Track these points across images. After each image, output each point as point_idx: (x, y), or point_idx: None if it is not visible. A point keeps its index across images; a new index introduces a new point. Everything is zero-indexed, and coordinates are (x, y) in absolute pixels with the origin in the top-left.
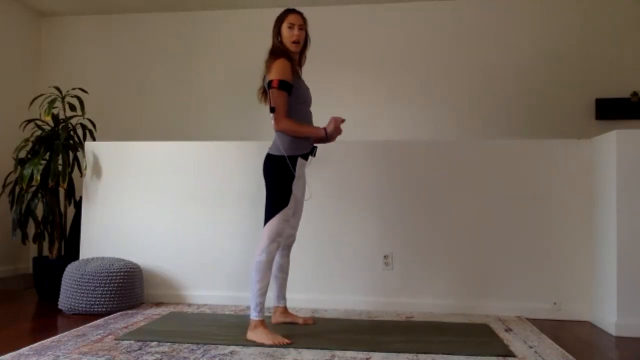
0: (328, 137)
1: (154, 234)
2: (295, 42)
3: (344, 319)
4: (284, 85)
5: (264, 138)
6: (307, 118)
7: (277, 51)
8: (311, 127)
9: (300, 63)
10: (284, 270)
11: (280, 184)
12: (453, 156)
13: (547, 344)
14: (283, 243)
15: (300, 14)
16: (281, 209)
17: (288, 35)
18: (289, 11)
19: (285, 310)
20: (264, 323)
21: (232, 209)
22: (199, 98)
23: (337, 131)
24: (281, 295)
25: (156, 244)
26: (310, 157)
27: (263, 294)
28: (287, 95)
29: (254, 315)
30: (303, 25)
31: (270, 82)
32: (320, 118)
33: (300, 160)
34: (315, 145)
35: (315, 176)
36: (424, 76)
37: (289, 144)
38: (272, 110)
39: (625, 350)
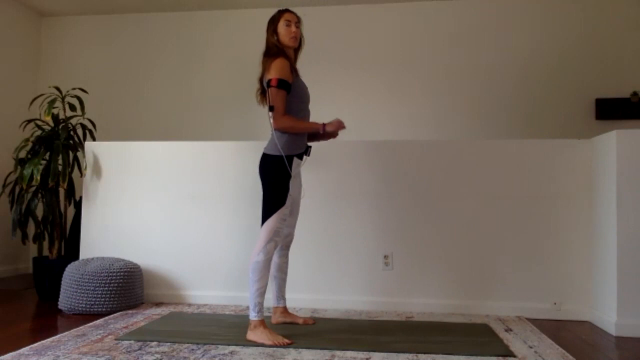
0: (325, 133)
1: (154, 234)
2: (294, 38)
3: (344, 319)
4: (282, 84)
5: (263, 138)
6: (305, 116)
7: (274, 50)
8: (309, 123)
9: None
10: (282, 270)
11: (277, 183)
12: (453, 156)
13: (547, 344)
14: (281, 242)
15: (295, 13)
16: (278, 209)
17: (286, 32)
18: (283, 10)
19: (285, 310)
20: (263, 323)
21: (232, 208)
22: (199, 98)
23: (336, 132)
24: (280, 295)
25: (156, 244)
26: (304, 157)
27: (262, 294)
28: (286, 93)
29: (253, 316)
30: (299, 23)
31: (269, 80)
32: (320, 118)
33: (295, 160)
34: (309, 145)
35: (315, 176)
36: (424, 76)
37: (285, 143)
38: (271, 109)
39: (625, 350)
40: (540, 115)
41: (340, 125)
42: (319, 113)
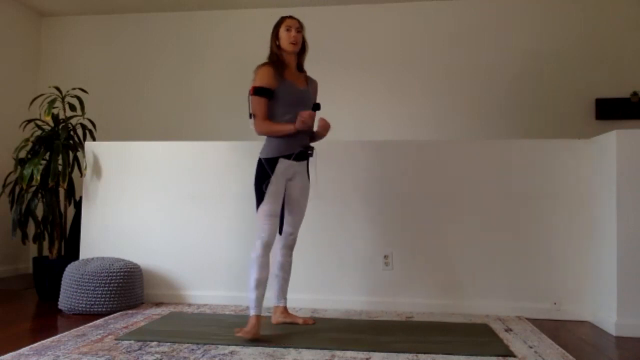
0: (305, 131)
1: (154, 234)
2: (293, 43)
3: (344, 319)
4: (259, 92)
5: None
6: (292, 119)
7: (273, 58)
8: (282, 125)
9: (300, 65)
10: (284, 269)
11: (257, 183)
12: (453, 156)
13: (547, 344)
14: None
15: (297, 19)
16: (258, 206)
17: (286, 36)
18: (285, 17)
19: (284, 310)
20: (254, 318)
21: (232, 208)
22: (199, 98)
23: (308, 124)
24: (281, 294)
25: (156, 244)
26: (306, 157)
27: (253, 289)
28: (267, 100)
29: (250, 311)
30: (300, 29)
31: (249, 90)
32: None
33: (283, 161)
34: (312, 145)
35: (315, 176)
36: (424, 76)
37: (267, 145)
38: (251, 116)
39: (625, 350)
40: (540, 115)
41: (303, 115)
42: (318, 113)
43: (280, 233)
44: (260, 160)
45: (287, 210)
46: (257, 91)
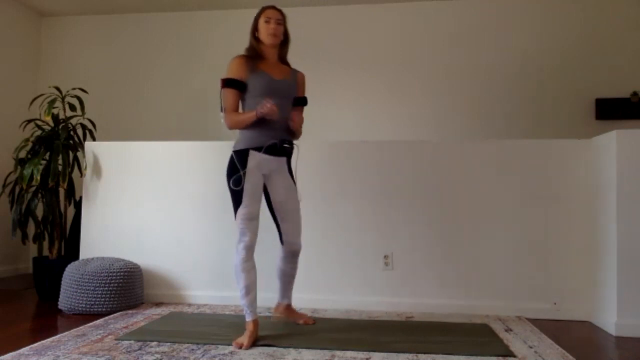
0: (277, 123)
1: (154, 234)
2: (272, 35)
3: (344, 319)
4: (228, 83)
5: None
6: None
7: (251, 52)
8: (245, 114)
9: (282, 58)
10: (286, 274)
11: (228, 178)
12: (453, 156)
13: (547, 344)
14: (285, 252)
15: (279, 10)
16: (236, 208)
17: (264, 28)
18: (266, 7)
19: (287, 307)
20: (251, 324)
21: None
22: (199, 98)
23: (271, 112)
24: (284, 293)
25: (156, 244)
26: (280, 152)
27: (244, 295)
28: (236, 91)
29: (245, 317)
30: (281, 21)
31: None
32: (319, 118)
33: (254, 154)
34: (294, 143)
35: (315, 176)
36: (424, 76)
37: (239, 138)
38: (222, 110)
39: (625, 350)
40: (540, 115)
41: (269, 106)
42: (318, 113)
43: (281, 243)
44: (232, 154)
45: (279, 218)
46: (226, 83)
